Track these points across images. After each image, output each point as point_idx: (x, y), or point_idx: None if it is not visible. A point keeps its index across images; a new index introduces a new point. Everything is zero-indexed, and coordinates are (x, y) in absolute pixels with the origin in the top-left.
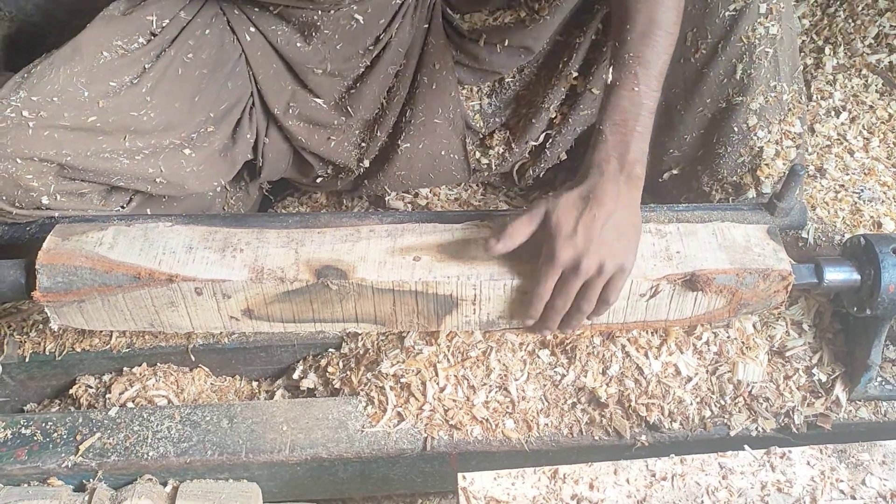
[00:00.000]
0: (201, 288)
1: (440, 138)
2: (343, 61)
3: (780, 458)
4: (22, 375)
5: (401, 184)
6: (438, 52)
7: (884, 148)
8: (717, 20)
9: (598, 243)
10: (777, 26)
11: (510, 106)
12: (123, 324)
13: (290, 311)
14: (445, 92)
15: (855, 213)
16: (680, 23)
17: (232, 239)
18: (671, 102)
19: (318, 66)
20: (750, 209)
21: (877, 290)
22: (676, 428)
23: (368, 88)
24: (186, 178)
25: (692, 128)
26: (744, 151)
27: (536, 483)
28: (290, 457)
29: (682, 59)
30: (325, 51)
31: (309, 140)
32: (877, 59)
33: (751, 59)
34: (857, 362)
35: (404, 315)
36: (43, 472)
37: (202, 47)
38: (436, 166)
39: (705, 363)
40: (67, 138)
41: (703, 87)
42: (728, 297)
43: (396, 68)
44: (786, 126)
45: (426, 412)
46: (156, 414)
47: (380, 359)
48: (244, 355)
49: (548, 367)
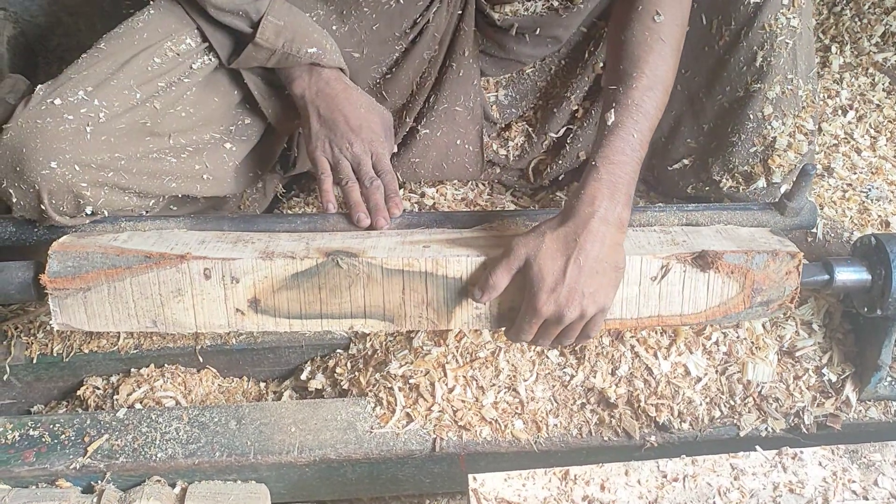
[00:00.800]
0: (210, 270)
1: (458, 126)
2: (379, 44)
3: (792, 459)
4: (29, 377)
5: (413, 173)
6: (468, 40)
7: (891, 147)
8: (742, 7)
9: (580, 294)
10: (798, 20)
11: (526, 97)
12: (126, 321)
13: (297, 300)
14: (469, 80)
15: (862, 213)
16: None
17: (244, 236)
18: (693, 91)
19: (354, 49)
20: (759, 209)
21: (887, 291)
22: (686, 428)
23: (404, 74)
24: (229, 172)
25: (711, 117)
26: (757, 140)
27: (547, 484)
28: (299, 458)
29: (706, 48)
30: (362, 32)
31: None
32: (883, 57)
33: (771, 48)
34: (867, 362)
35: (413, 307)
36: (51, 473)
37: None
38: (450, 156)
39: (715, 363)
40: (121, 141)
41: (724, 74)
42: (740, 280)
43: (431, 54)
44: (799, 121)
45: (435, 413)
46: (164, 415)
47: (388, 359)
48: (252, 356)
49: (557, 367)
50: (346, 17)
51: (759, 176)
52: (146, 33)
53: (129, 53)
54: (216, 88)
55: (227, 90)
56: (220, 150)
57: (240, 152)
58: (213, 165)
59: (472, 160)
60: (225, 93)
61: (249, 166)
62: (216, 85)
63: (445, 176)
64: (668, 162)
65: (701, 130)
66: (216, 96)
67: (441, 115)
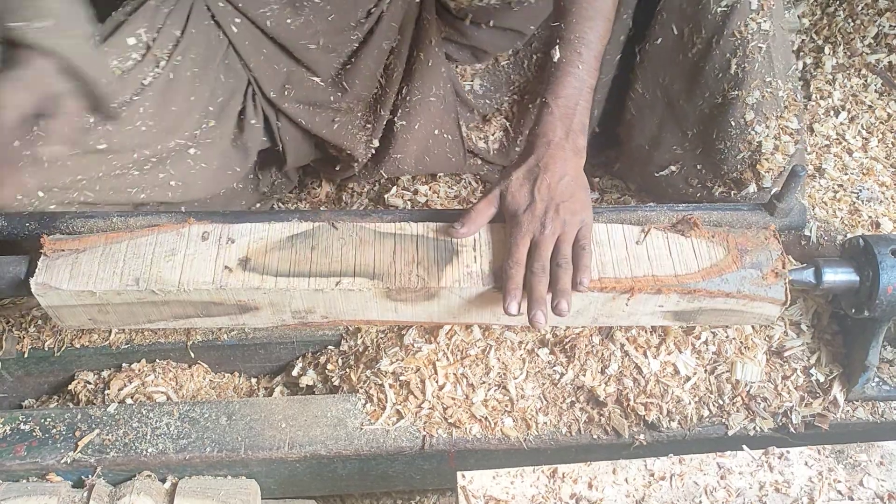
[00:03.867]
0: (209, 233)
1: (434, 116)
2: (336, 34)
3: (779, 459)
4: (20, 371)
5: (397, 168)
6: (433, 29)
7: (882, 148)
8: (710, 16)
9: (555, 204)
10: (769, 22)
11: (500, 89)
12: (109, 280)
13: (287, 260)
14: (438, 69)
15: (853, 213)
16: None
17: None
18: (672, 98)
19: (310, 40)
20: (749, 209)
21: (875, 292)
22: (675, 427)
23: (363, 63)
24: (197, 177)
25: (693, 123)
26: (743, 147)
27: (535, 482)
28: (289, 454)
29: (681, 55)
30: (317, 23)
31: (310, 122)
32: (876, 58)
33: (745, 54)
34: (854, 363)
35: (403, 265)
36: (42, 468)
37: (189, 48)
38: (430, 147)
39: (704, 363)
40: (80, 164)
41: (701, 81)
42: (723, 243)
43: (391, 44)
44: (783, 122)
45: (425, 410)
46: (155, 410)
47: (379, 356)
48: (243, 352)
49: (547, 365)
50: (300, 10)
51: (750, 181)
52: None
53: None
54: (173, 98)
55: (184, 97)
56: (184, 156)
57: (206, 156)
58: (178, 172)
59: (453, 149)
60: (183, 100)
61: (223, 167)
62: (173, 94)
63: (429, 169)
64: (654, 168)
65: (685, 137)
66: (173, 105)
67: (415, 105)
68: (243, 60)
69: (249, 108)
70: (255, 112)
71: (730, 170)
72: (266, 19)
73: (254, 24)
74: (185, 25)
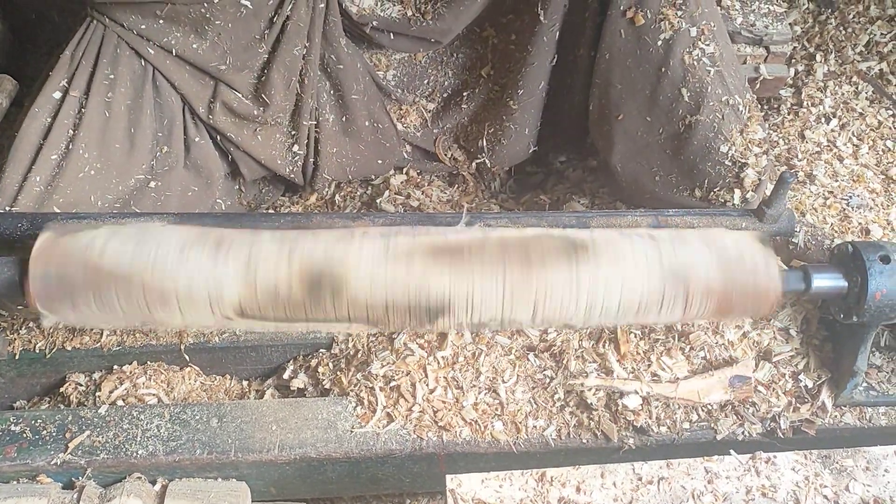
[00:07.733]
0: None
1: (360, 110)
2: (243, 50)
3: (766, 464)
4: (12, 373)
5: (338, 166)
6: (339, 30)
7: (873, 155)
8: (652, 50)
9: None
10: (713, 44)
11: (414, 82)
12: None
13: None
14: (353, 66)
15: (843, 220)
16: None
17: (226, 237)
18: (631, 131)
19: (220, 61)
20: (739, 214)
21: (863, 298)
22: (664, 432)
23: (277, 73)
24: (167, 204)
25: (658, 150)
26: (711, 167)
27: (524, 486)
28: (280, 456)
29: (634, 91)
30: (224, 43)
31: (239, 136)
32: (867, 66)
33: (695, 80)
34: (843, 368)
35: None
36: (32, 469)
37: (116, 82)
38: (364, 138)
39: (693, 367)
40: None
41: (657, 110)
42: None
43: (302, 51)
44: (749, 134)
45: (415, 413)
46: (145, 412)
47: (370, 360)
48: (235, 354)
49: (537, 370)
50: (204, 34)
51: (732, 194)
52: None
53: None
54: (113, 135)
55: (125, 131)
56: (146, 192)
57: (167, 185)
58: (144, 208)
59: (387, 136)
60: (124, 135)
61: (184, 190)
62: (113, 131)
63: (373, 166)
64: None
65: (654, 163)
66: (116, 142)
67: (338, 106)
68: (169, 81)
69: (191, 127)
70: (198, 130)
71: (710, 187)
72: (172, 48)
73: (165, 50)
74: (105, 61)
